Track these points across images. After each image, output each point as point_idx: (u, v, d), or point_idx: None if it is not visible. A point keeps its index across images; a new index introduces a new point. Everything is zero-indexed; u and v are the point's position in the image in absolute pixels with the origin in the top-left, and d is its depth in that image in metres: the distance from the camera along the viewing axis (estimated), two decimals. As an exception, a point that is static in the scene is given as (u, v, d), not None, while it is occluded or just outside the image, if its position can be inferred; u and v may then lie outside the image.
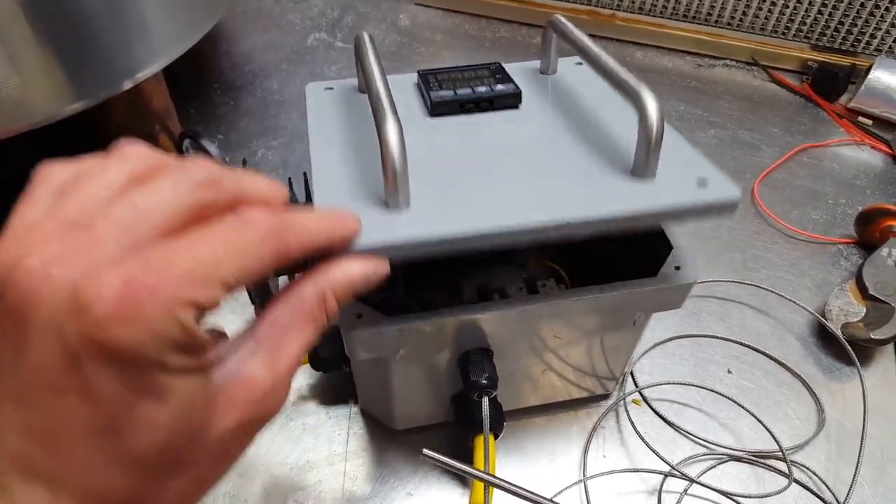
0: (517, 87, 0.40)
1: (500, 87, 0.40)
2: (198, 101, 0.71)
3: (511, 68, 0.44)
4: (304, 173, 0.43)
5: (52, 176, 0.24)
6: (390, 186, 0.29)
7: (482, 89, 0.40)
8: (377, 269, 0.28)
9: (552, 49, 0.44)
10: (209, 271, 0.21)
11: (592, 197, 0.31)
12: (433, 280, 0.43)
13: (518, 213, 0.30)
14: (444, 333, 0.35)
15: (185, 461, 0.23)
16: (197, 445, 0.23)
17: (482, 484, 0.38)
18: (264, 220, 0.23)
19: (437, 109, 0.39)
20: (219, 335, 0.24)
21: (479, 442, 0.39)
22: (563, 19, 0.41)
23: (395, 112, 0.29)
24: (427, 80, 0.42)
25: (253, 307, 0.40)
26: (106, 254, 0.20)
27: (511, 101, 0.40)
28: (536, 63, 0.46)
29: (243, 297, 0.42)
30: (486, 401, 0.37)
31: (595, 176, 0.33)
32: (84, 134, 0.60)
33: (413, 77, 0.44)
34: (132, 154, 0.24)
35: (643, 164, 0.32)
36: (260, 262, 0.23)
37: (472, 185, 0.32)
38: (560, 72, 0.45)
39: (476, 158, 0.35)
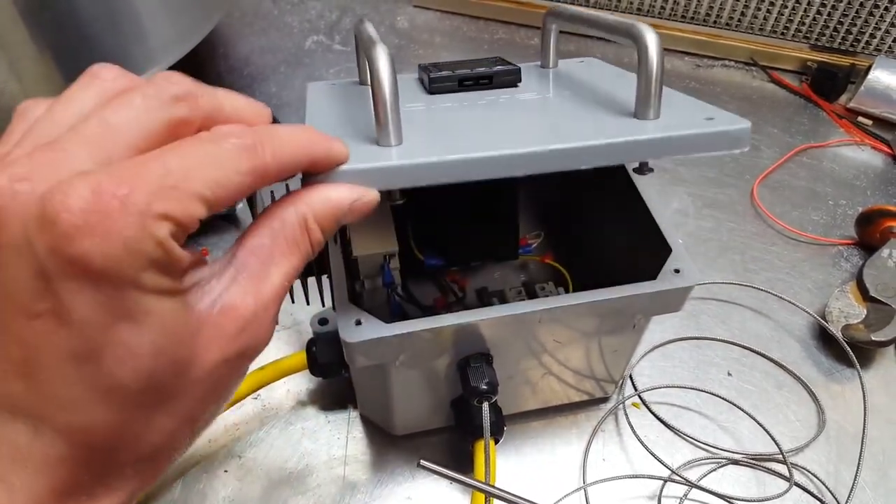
0: (517, 66, 0.40)
1: (498, 67, 0.40)
2: (196, 104, 0.71)
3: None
4: (301, 177, 0.43)
5: (29, 110, 0.23)
6: (381, 119, 0.28)
7: (481, 69, 0.40)
8: (364, 196, 0.26)
9: (552, 43, 0.44)
10: (181, 181, 0.20)
11: (595, 130, 0.30)
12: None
13: (516, 143, 0.28)
14: (443, 339, 0.35)
15: (170, 393, 0.22)
16: (181, 377, 0.22)
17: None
18: (240, 133, 0.22)
19: (434, 86, 0.39)
20: (198, 258, 0.22)
21: (480, 447, 0.39)
22: (562, 6, 0.41)
23: (385, 48, 0.28)
24: (426, 68, 0.42)
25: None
26: (76, 168, 0.19)
27: (510, 78, 0.40)
28: (537, 62, 0.46)
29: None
30: (486, 406, 0.37)
31: (598, 118, 0.32)
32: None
33: (413, 74, 0.44)
34: (104, 73, 0.23)
35: (646, 102, 0.30)
36: (236, 176, 0.21)
37: (468, 129, 0.31)
38: (561, 67, 0.45)
39: (474, 115, 0.34)
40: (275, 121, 0.26)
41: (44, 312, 0.19)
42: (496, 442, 0.40)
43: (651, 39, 0.30)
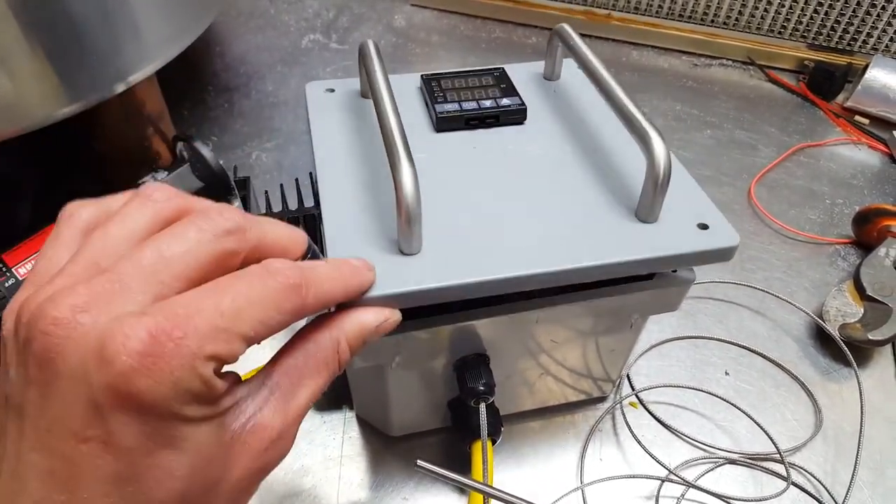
0: (522, 101, 0.40)
1: (505, 100, 0.40)
2: (191, 103, 0.71)
3: (514, 71, 0.44)
4: (297, 179, 0.43)
5: (77, 215, 0.25)
6: (404, 232, 0.30)
7: (487, 103, 0.40)
8: (389, 317, 0.29)
9: (557, 55, 0.43)
10: (231, 325, 0.22)
11: (597, 243, 0.32)
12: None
13: (525, 262, 0.31)
14: (440, 340, 0.35)
15: None
16: (210, 492, 0.23)
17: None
18: (287, 274, 0.24)
19: (442, 125, 0.39)
20: (233, 381, 0.24)
21: (477, 448, 0.39)
22: (569, 30, 0.40)
23: (410, 157, 0.30)
24: (431, 88, 0.41)
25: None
26: (133, 302, 0.21)
27: (516, 116, 0.40)
28: (539, 65, 0.46)
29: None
30: (483, 407, 0.37)
31: (601, 217, 0.34)
32: (76, 138, 0.59)
33: (415, 79, 0.44)
34: (157, 195, 0.25)
35: (648, 207, 0.33)
36: (280, 316, 0.23)
37: (480, 226, 0.33)
38: (564, 77, 0.45)
39: (484, 191, 0.35)
40: (312, 251, 0.28)
41: (92, 438, 0.21)
42: (493, 443, 0.40)
43: (660, 151, 0.31)
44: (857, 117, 0.72)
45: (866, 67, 0.70)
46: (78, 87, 0.52)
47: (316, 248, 0.29)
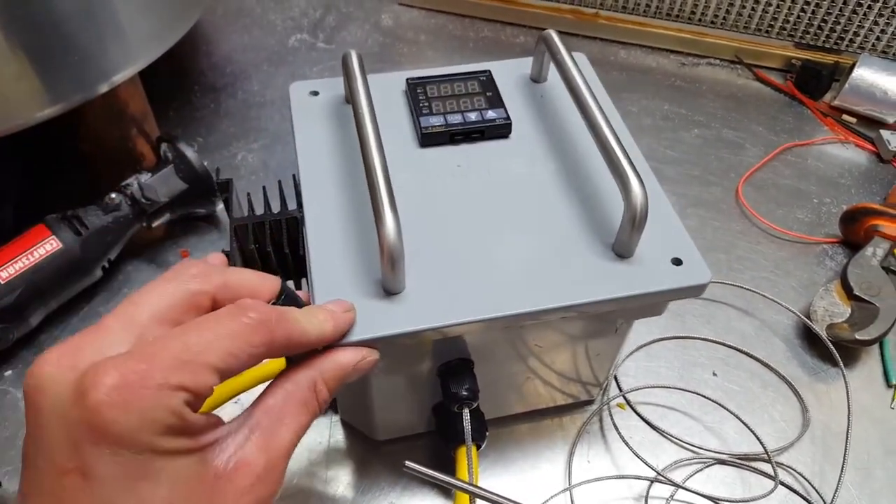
0: (507, 114, 0.40)
1: (490, 113, 0.40)
2: (177, 103, 0.70)
3: (501, 72, 0.44)
4: (279, 182, 0.42)
5: None
6: (387, 276, 0.31)
7: (473, 116, 0.40)
8: (367, 356, 0.30)
9: (544, 59, 0.43)
10: (196, 356, 0.23)
11: (574, 282, 0.33)
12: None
13: (505, 302, 0.32)
14: (423, 345, 0.34)
15: None
16: None
17: (466, 495, 0.38)
18: (258, 310, 0.26)
19: (427, 141, 0.39)
20: (215, 420, 0.26)
21: (462, 453, 0.38)
22: (556, 40, 0.40)
23: (393, 207, 0.30)
24: (416, 96, 0.41)
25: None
26: (111, 343, 0.24)
27: (501, 131, 0.40)
28: (527, 63, 0.45)
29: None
30: (466, 412, 0.36)
31: (579, 251, 0.35)
32: (59, 139, 0.59)
33: (400, 80, 0.43)
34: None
35: (625, 244, 0.34)
36: (248, 350, 0.25)
37: (462, 260, 0.34)
38: (550, 81, 0.44)
39: (467, 218, 0.36)
40: (286, 293, 0.30)
41: (72, 470, 0.22)
42: (478, 448, 0.40)
43: (638, 196, 0.32)
44: (845, 116, 0.72)
45: (853, 66, 0.70)
46: (60, 87, 0.51)
47: (293, 291, 0.30)
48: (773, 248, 0.60)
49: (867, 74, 0.69)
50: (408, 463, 0.33)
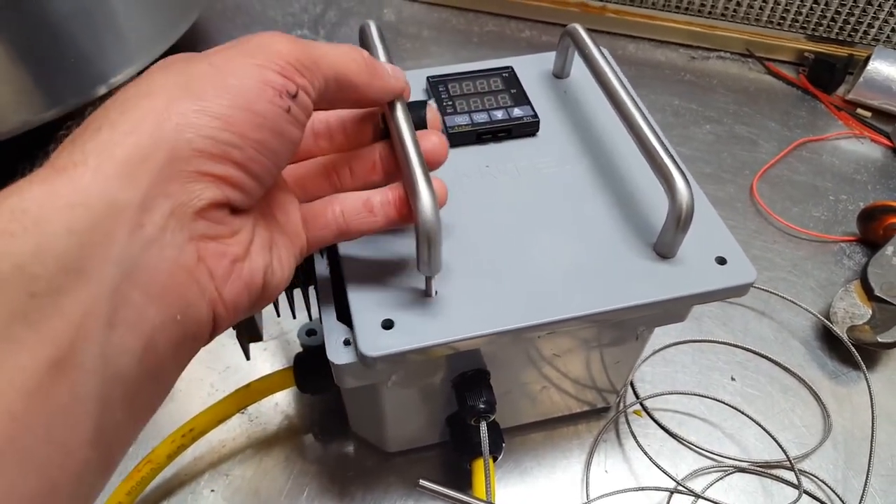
0: (534, 111, 0.39)
1: (517, 111, 0.39)
2: (177, 103, 0.69)
3: (522, 68, 0.42)
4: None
5: None
6: (423, 256, 0.29)
7: (499, 115, 0.38)
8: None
9: (567, 54, 0.42)
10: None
11: (617, 285, 0.32)
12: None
13: (548, 307, 0.31)
14: (438, 358, 0.33)
15: None
16: None
17: (481, 510, 0.36)
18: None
19: (453, 141, 0.38)
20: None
21: (478, 466, 0.37)
22: (583, 34, 0.38)
23: (428, 181, 0.28)
24: (439, 95, 0.40)
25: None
26: None
27: (529, 129, 0.39)
28: (548, 59, 0.44)
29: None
30: (484, 425, 0.35)
31: (619, 252, 0.33)
32: (57, 143, 0.57)
33: (420, 78, 0.42)
34: None
35: (668, 245, 0.32)
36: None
37: (498, 266, 0.32)
38: (574, 76, 0.43)
39: (499, 220, 0.34)
40: None
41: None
42: (494, 460, 0.39)
43: (683, 195, 0.30)
44: (859, 110, 0.70)
45: (868, 59, 0.68)
46: (58, 91, 0.50)
47: None
48: (790, 248, 0.58)
49: (882, 67, 0.68)
50: (422, 482, 0.32)
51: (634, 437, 0.46)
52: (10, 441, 0.17)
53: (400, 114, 0.29)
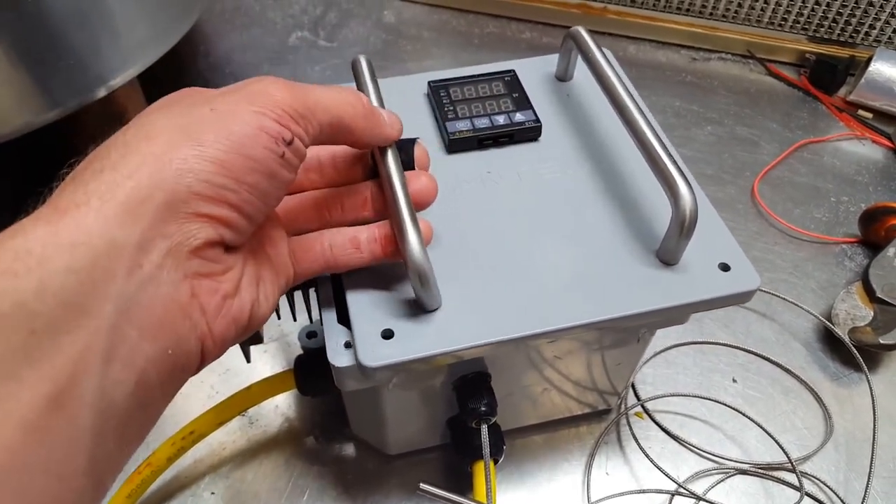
0: (536, 116, 0.39)
1: (519, 115, 0.38)
2: (177, 105, 0.69)
3: (524, 70, 0.42)
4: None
5: None
6: (419, 292, 0.30)
7: (500, 120, 0.38)
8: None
9: (570, 57, 0.41)
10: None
11: (620, 292, 0.31)
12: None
13: (550, 315, 0.31)
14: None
15: None
16: None
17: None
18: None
19: (454, 147, 0.38)
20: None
21: (478, 469, 0.37)
22: (586, 37, 0.38)
23: (415, 223, 0.28)
24: (440, 100, 0.39)
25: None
26: None
27: (531, 134, 0.39)
28: (550, 61, 0.43)
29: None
30: (485, 428, 0.35)
31: (622, 258, 0.33)
32: (56, 146, 0.57)
33: (419, 83, 0.41)
34: None
35: (672, 251, 0.32)
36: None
37: (500, 274, 0.32)
38: (577, 79, 0.43)
39: (500, 227, 0.34)
40: None
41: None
42: (495, 462, 0.39)
43: (687, 201, 0.30)
44: (861, 111, 0.70)
45: (869, 60, 0.68)
46: (57, 93, 0.49)
47: None
48: (791, 249, 0.58)
49: (884, 69, 0.68)
50: (422, 485, 0.32)
51: (636, 439, 0.46)
52: (6, 473, 0.18)
53: (390, 157, 0.30)
